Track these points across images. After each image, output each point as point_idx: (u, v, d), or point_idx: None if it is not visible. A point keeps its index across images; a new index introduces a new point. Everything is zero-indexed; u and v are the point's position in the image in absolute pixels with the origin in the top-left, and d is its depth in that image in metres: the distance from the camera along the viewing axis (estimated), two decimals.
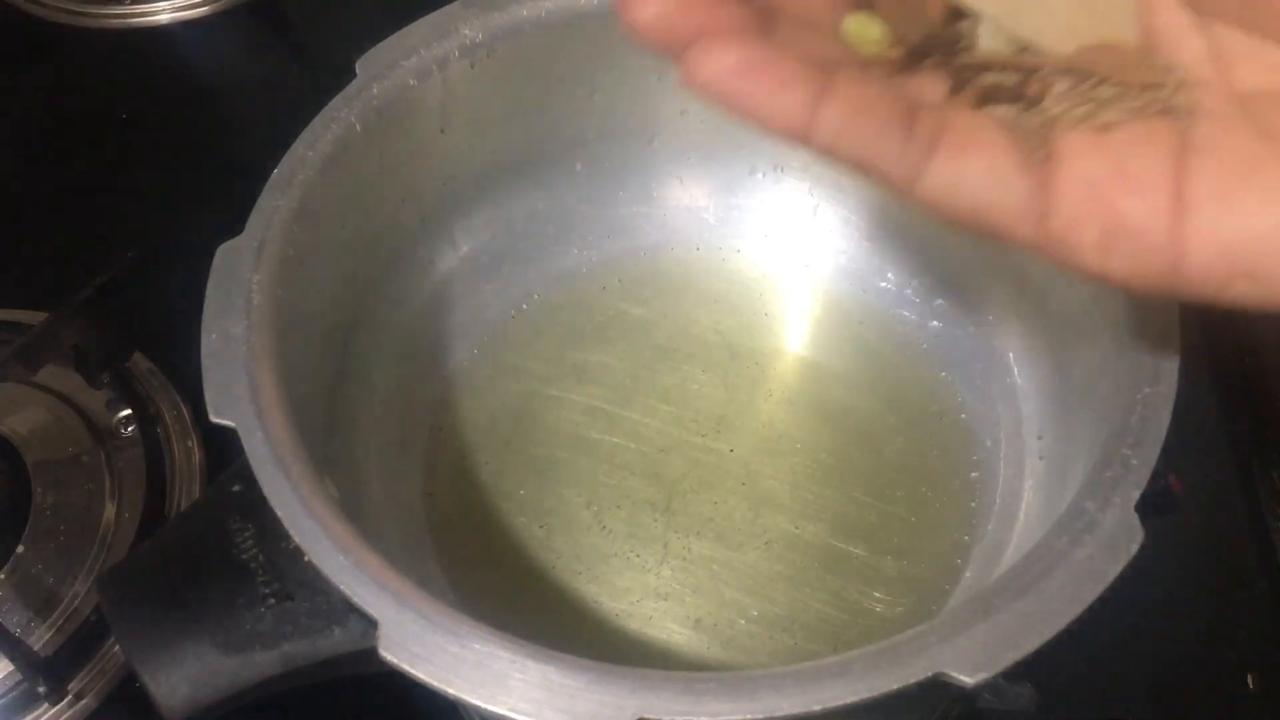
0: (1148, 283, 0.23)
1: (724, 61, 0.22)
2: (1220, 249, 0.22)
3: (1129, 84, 0.24)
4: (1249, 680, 0.45)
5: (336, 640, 0.31)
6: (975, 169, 0.23)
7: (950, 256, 0.44)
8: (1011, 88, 0.24)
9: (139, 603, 0.32)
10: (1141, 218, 0.23)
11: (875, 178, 0.24)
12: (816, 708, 0.26)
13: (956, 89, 0.25)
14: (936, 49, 0.25)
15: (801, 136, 0.23)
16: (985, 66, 0.25)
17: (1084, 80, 0.24)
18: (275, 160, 0.36)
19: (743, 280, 0.47)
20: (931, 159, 0.23)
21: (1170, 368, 0.31)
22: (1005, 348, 0.43)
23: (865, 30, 0.25)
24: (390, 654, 0.27)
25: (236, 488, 0.34)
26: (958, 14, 0.25)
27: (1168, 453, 0.30)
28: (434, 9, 0.39)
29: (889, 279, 0.46)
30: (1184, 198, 0.22)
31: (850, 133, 0.23)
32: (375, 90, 0.38)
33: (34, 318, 0.52)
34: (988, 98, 0.25)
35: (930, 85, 0.25)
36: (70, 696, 0.44)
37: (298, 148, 0.36)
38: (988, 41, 0.25)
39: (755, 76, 0.22)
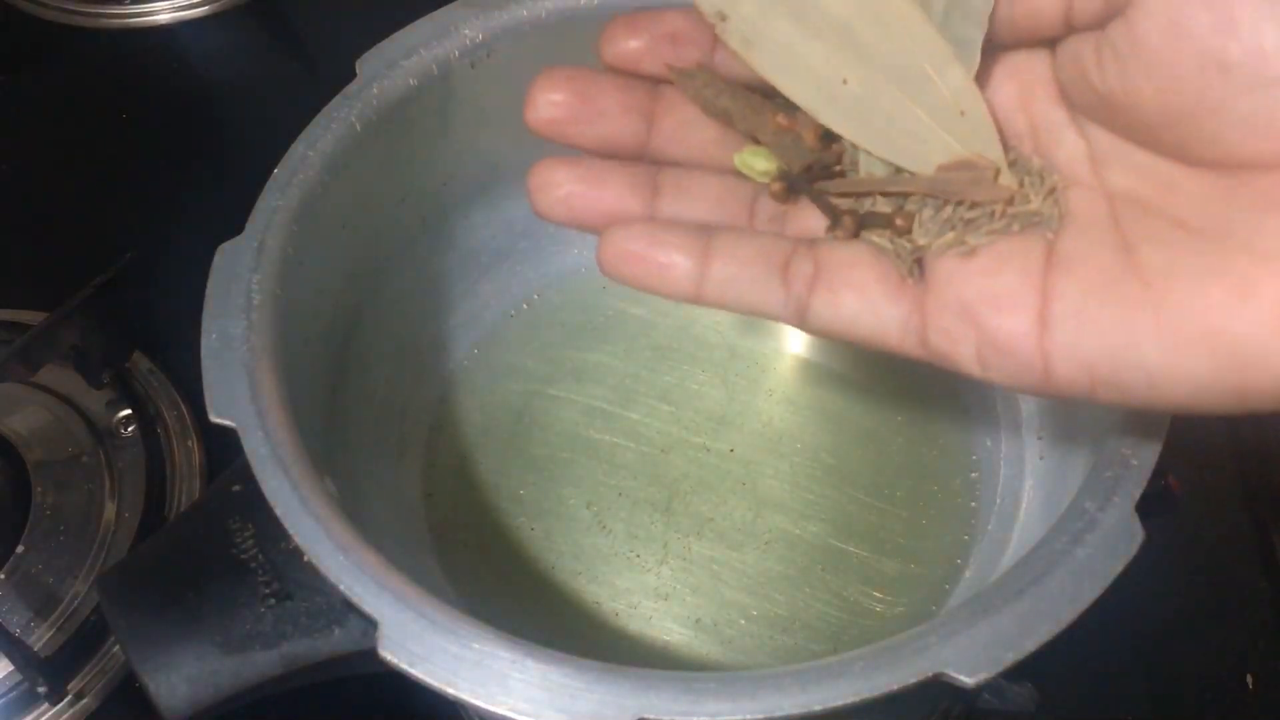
0: (1026, 389, 0.25)
1: (621, 252, 0.27)
2: (1080, 364, 0.24)
3: (989, 203, 0.26)
4: (1249, 680, 0.45)
5: (336, 640, 0.31)
6: (849, 304, 0.26)
7: None
8: (886, 215, 0.26)
9: (139, 603, 0.32)
10: (1008, 336, 0.24)
11: (768, 319, 0.27)
12: (816, 708, 0.26)
13: (834, 223, 0.27)
14: (818, 173, 0.27)
15: (693, 300, 0.27)
16: (861, 193, 0.27)
17: (946, 205, 0.26)
18: (275, 160, 0.36)
19: None
20: (811, 299, 0.26)
21: None
22: None
23: (753, 163, 0.28)
24: (390, 654, 0.27)
25: (236, 488, 0.34)
26: (833, 136, 0.27)
27: (1168, 453, 0.30)
28: (434, 9, 0.39)
29: None
30: (1046, 316, 0.24)
31: (734, 290, 0.27)
32: (375, 90, 0.38)
33: (34, 318, 0.52)
34: (865, 225, 0.26)
35: (815, 214, 0.28)
36: (70, 696, 0.44)
37: (298, 148, 0.36)
38: (866, 165, 0.27)
39: (647, 262, 0.27)
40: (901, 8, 0.25)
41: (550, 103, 0.28)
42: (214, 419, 0.31)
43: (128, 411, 0.50)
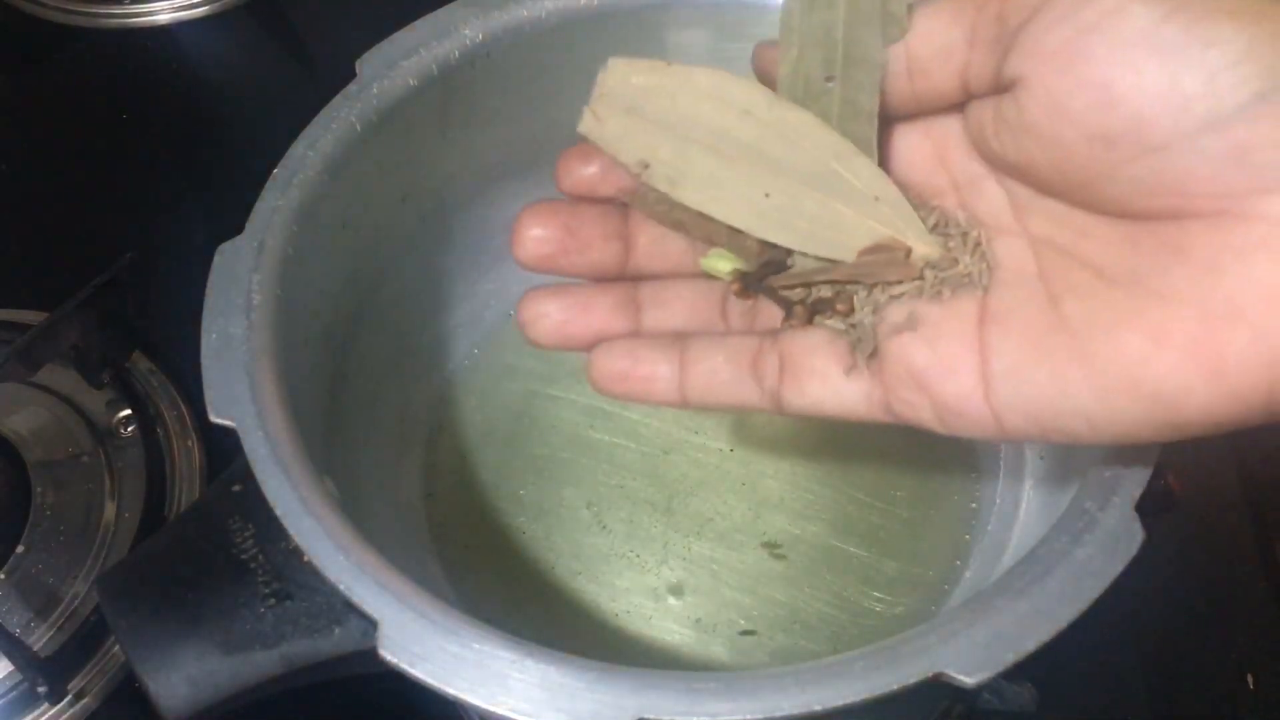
0: (988, 439, 0.27)
1: (607, 371, 0.30)
2: (1025, 416, 0.25)
3: (910, 278, 0.28)
4: (1249, 680, 0.45)
5: (336, 640, 0.31)
6: (815, 390, 0.28)
7: None
8: (829, 299, 0.28)
9: (139, 603, 0.32)
10: (957, 399, 0.26)
11: (751, 411, 0.30)
12: (816, 708, 0.26)
13: (788, 314, 0.29)
14: (772, 269, 0.29)
15: (680, 405, 0.29)
16: (802, 284, 0.29)
17: (872, 288, 0.28)
18: (275, 160, 0.36)
19: None
20: (781, 390, 0.28)
21: None
22: None
23: (718, 264, 0.30)
24: (390, 654, 0.27)
25: (236, 488, 0.34)
26: (769, 243, 0.29)
27: (1168, 453, 0.30)
28: (434, 9, 0.39)
29: None
30: (987, 375, 0.26)
31: (714, 392, 0.29)
32: (375, 90, 0.38)
33: (34, 318, 0.52)
34: (816, 311, 0.28)
35: (775, 308, 0.30)
36: (70, 696, 0.44)
37: (298, 148, 0.36)
38: (800, 259, 0.29)
39: (632, 379, 0.29)
40: (800, 120, 0.28)
41: (536, 239, 0.30)
42: (214, 419, 0.31)
43: (128, 411, 0.50)
